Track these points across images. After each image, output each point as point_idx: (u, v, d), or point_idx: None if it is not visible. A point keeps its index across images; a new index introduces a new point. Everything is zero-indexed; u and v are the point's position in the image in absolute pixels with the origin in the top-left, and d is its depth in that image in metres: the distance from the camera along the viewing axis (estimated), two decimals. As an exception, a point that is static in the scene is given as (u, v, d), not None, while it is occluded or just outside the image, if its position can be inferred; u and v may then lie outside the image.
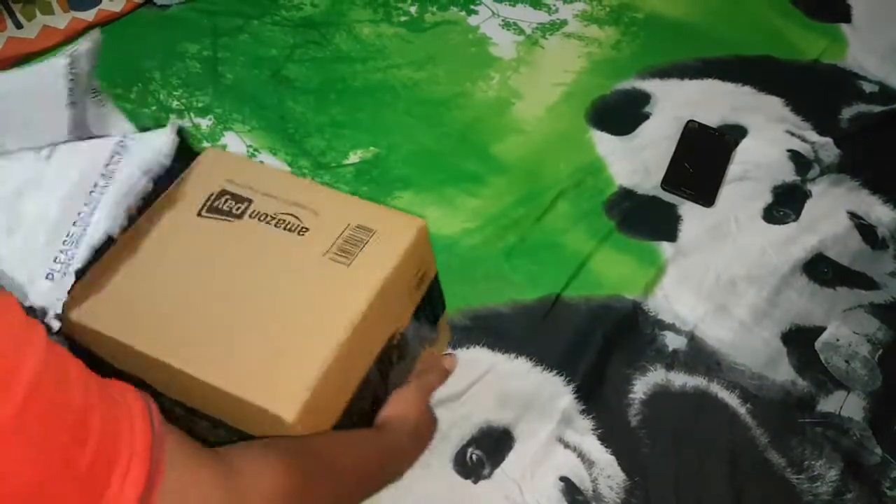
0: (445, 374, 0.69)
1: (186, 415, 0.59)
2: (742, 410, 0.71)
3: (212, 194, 0.60)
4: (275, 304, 0.55)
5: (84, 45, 0.61)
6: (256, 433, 0.55)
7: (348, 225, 0.58)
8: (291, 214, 0.59)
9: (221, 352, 0.53)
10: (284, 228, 0.58)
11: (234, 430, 0.57)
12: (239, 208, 0.59)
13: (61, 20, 0.94)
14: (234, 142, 0.88)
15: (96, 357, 0.59)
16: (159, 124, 0.87)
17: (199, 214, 0.59)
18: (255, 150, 0.87)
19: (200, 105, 0.91)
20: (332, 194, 0.62)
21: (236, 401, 0.51)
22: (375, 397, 0.61)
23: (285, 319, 0.54)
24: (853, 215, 0.86)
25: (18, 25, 0.92)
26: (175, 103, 0.91)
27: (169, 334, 0.53)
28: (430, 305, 0.65)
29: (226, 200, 0.60)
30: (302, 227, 0.58)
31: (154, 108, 0.90)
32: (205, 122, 0.89)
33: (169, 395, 0.57)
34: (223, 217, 0.59)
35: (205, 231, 0.58)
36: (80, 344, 0.58)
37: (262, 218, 0.59)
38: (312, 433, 0.51)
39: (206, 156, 0.65)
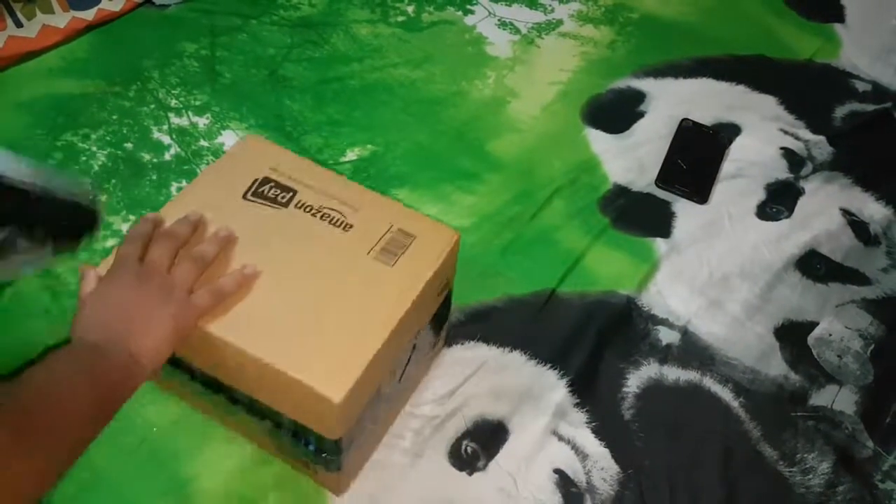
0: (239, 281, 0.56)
1: (195, 383, 0.60)
2: (735, 404, 0.72)
3: (256, 180, 0.61)
4: (322, 293, 0.56)
5: None
6: (293, 414, 0.56)
7: (390, 227, 0.60)
8: (335, 210, 0.60)
9: (271, 330, 0.54)
10: (330, 222, 0.60)
11: (262, 409, 0.58)
12: (284, 197, 0.61)
13: (61, 19, 0.95)
14: (231, 140, 0.88)
15: None
16: (157, 123, 0.89)
17: (244, 197, 0.61)
18: (253, 147, 0.88)
19: (198, 103, 0.92)
20: (371, 195, 0.63)
21: (283, 378, 0.52)
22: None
23: (333, 309, 0.55)
24: (846, 212, 0.87)
25: (18, 24, 0.92)
26: (173, 102, 0.92)
27: (218, 308, 0.54)
28: (443, 313, 0.67)
29: (271, 188, 0.61)
30: (346, 224, 0.60)
31: (153, 106, 0.91)
32: (202, 121, 0.90)
33: (198, 367, 0.58)
34: (269, 204, 0.60)
35: (252, 215, 0.60)
36: None
37: (307, 209, 0.60)
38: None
39: (245, 141, 0.66)
